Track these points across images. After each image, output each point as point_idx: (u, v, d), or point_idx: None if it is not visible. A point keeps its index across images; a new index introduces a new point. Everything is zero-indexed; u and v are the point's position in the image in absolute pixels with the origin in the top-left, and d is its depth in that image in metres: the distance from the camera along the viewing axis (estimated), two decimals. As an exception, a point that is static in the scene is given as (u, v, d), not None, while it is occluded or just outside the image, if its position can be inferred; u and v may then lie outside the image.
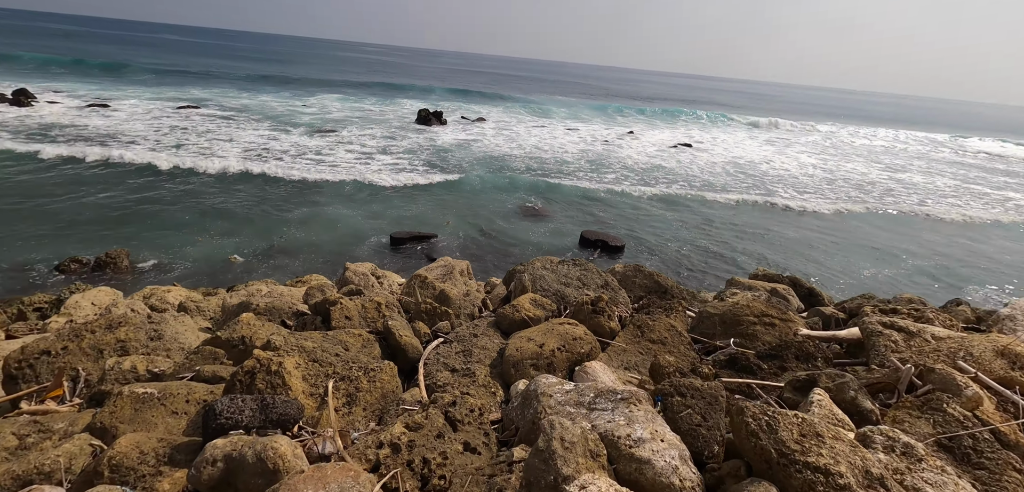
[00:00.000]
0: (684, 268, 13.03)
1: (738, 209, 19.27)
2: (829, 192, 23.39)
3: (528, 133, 33.17)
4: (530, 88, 76.55)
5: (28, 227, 11.66)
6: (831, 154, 36.39)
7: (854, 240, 16.76)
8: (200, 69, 53.47)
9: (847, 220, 19.28)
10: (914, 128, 65.34)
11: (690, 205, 19.06)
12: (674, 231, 15.89)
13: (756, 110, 73.16)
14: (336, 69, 76.91)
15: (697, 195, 20.68)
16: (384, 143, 25.23)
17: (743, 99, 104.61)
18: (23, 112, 24.58)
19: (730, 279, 7.64)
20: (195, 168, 17.31)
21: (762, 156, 32.23)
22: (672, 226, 16.38)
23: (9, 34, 79.54)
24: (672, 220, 17.03)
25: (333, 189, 16.77)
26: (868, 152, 39.56)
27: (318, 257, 11.69)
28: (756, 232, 16.60)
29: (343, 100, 40.33)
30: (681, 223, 16.79)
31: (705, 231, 16.18)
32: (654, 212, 17.78)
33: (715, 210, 18.73)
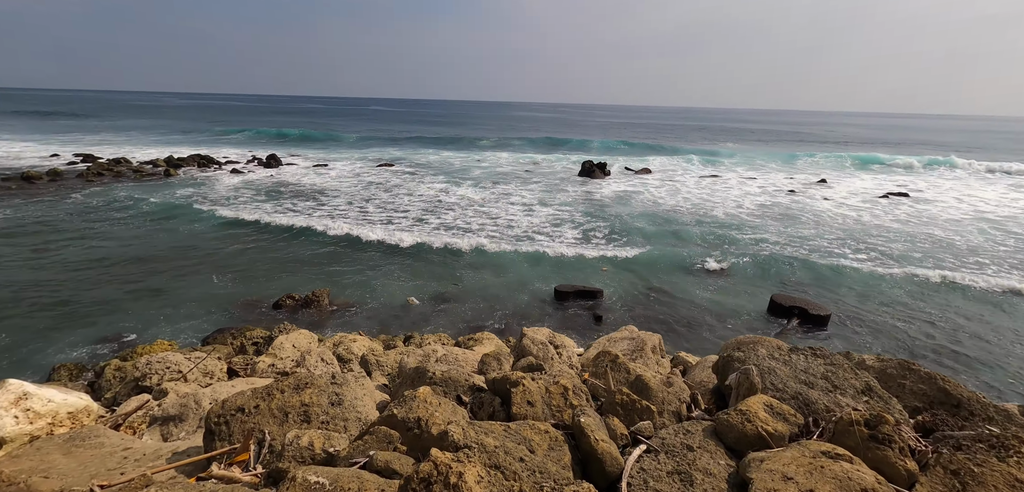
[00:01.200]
0: (940, 359, 10.04)
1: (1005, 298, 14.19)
2: None
3: (697, 184, 30.81)
4: (697, 137, 72.59)
5: (263, 266, 13.96)
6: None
7: None
8: (398, 133, 62.14)
9: None
10: None
11: (918, 273, 15.09)
12: (898, 306, 12.59)
13: (984, 151, 58.35)
14: (508, 128, 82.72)
15: (924, 259, 16.45)
16: (545, 195, 25.54)
17: (962, 137, 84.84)
18: (271, 171, 30.86)
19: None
20: (382, 217, 19.36)
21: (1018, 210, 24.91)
22: (894, 298, 13.04)
23: (273, 114, 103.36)
24: (893, 290, 13.61)
25: (496, 239, 17.16)
26: None
27: (485, 304, 11.74)
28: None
29: (512, 154, 42.65)
30: (907, 294, 13.31)
31: (946, 311, 12.50)
32: (863, 276, 14.47)
33: (956, 288, 14.47)
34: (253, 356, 6.25)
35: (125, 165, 30.15)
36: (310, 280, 12.91)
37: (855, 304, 12.53)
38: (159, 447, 3.22)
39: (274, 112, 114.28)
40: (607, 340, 5.05)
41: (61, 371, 7.42)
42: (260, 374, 4.94)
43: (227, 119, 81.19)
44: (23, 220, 17.48)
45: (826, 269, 15.14)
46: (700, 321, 11.29)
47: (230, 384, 4.13)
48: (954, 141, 75.40)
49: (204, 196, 22.58)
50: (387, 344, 6.74)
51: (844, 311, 12.11)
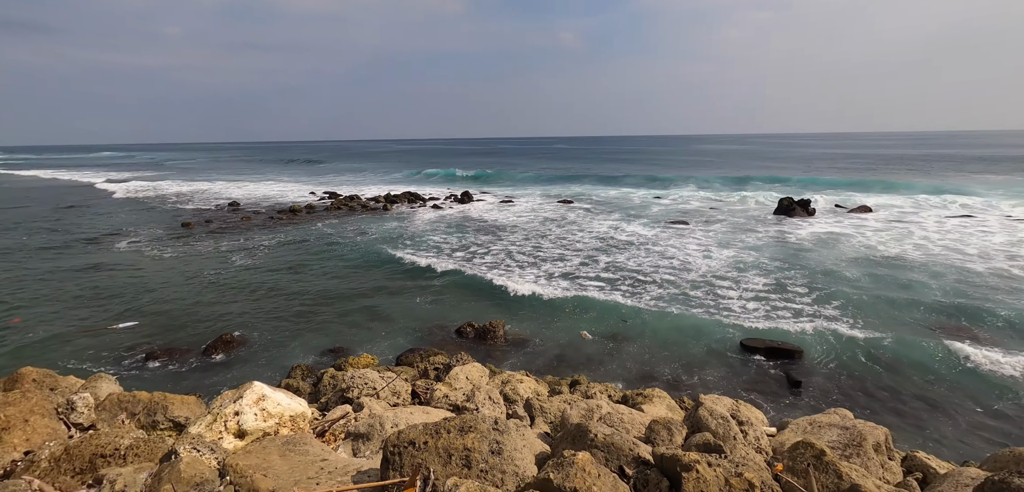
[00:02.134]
0: None
1: None
2: None
3: (937, 226, 24.61)
4: (937, 168, 58.56)
5: (449, 293, 15.44)
6: None
7: None
8: (578, 170, 64.00)
9: None
10: None
11: None
12: None
13: None
14: (691, 162, 78.60)
15: None
16: (730, 236, 23.14)
17: None
18: (464, 206, 34.42)
19: None
20: (553, 253, 19.77)
21: None
22: None
23: (475, 155, 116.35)
24: None
25: (669, 283, 16.03)
26: None
27: (658, 352, 10.97)
28: None
29: (698, 191, 40.16)
30: None
31: None
32: None
33: None
34: (433, 382, 6.79)
35: (356, 201, 36.77)
36: (487, 310, 13.76)
37: None
38: (348, 462, 3.62)
39: (476, 153, 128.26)
40: (809, 424, 4.14)
41: (296, 371, 9.12)
42: (436, 402, 5.31)
43: (437, 160, 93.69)
44: (286, 242, 22.49)
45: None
46: (946, 408, 8.76)
47: (409, 411, 4.52)
48: None
49: (409, 227, 26.13)
50: (553, 387, 6.70)
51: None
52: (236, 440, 4.19)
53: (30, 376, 5.07)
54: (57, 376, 5.32)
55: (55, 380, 5.20)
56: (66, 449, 3.74)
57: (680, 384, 9.70)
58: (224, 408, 4.33)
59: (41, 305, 14.36)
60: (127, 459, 3.75)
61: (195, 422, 4.36)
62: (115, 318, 13.41)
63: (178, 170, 79.19)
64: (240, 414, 4.33)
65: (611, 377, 10.02)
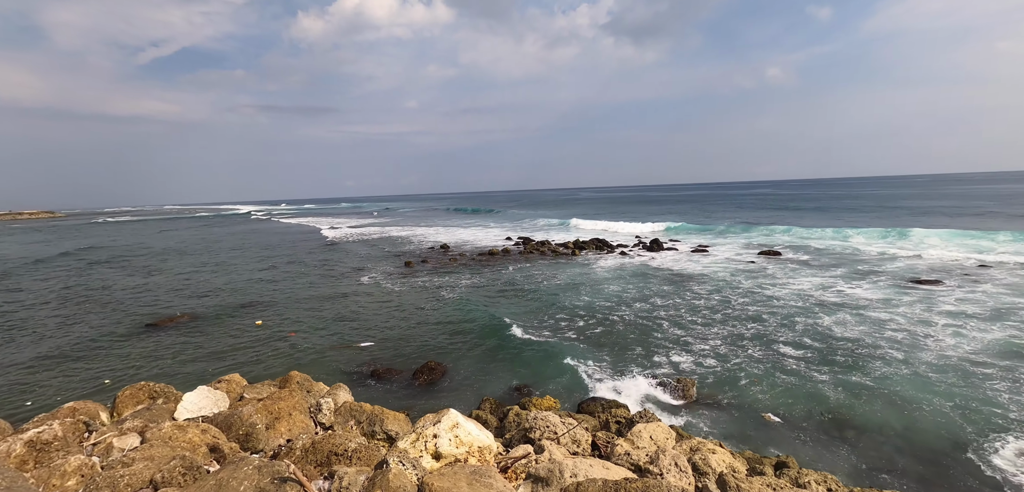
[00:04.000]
0: None
1: None
2: None
3: None
4: None
5: (631, 336, 14.88)
6: None
7: None
8: (789, 218, 56.69)
9: None
10: None
11: None
12: None
13: None
14: (941, 202, 62.90)
15: None
16: (1001, 303, 17.38)
17: None
18: (652, 254, 33.29)
19: None
20: (740, 312, 17.44)
21: None
22: None
23: (670, 202, 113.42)
24: None
25: (917, 358, 12.63)
26: None
27: (885, 447, 8.66)
28: None
29: (950, 238, 31.77)
30: None
31: None
32: None
33: None
34: (615, 436, 6.52)
35: (547, 246, 38.60)
36: (685, 362, 12.81)
37: None
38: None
39: (669, 199, 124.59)
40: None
41: (485, 404, 9.74)
42: (616, 458, 5.06)
43: (629, 208, 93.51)
44: (483, 283, 24.71)
45: None
46: None
47: (588, 463, 4.38)
48: None
49: (592, 274, 26.26)
50: (752, 466, 5.74)
51: None
52: (433, 461, 4.61)
53: (296, 378, 6.51)
54: (312, 381, 6.70)
55: (311, 384, 6.55)
56: (313, 443, 4.61)
57: (947, 486, 7.50)
58: (425, 430, 4.83)
59: (307, 322, 18.35)
60: (352, 460, 4.44)
61: (403, 438, 4.96)
62: (359, 337, 16.36)
63: (403, 217, 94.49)
64: (438, 437, 4.76)
65: (841, 465, 8.29)
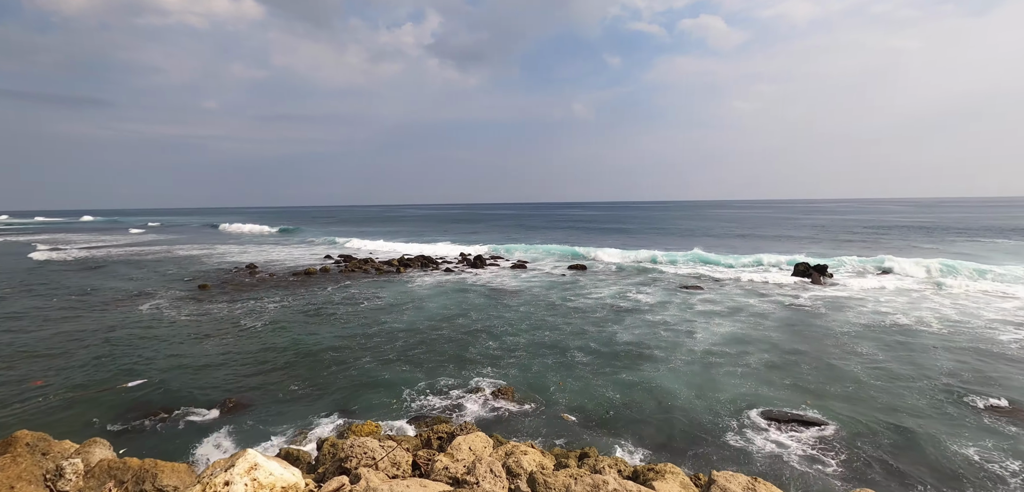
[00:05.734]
0: None
1: None
2: None
3: (983, 293, 23.83)
4: (978, 231, 57.59)
5: (453, 351, 15.15)
6: None
7: None
8: (595, 235, 63.83)
9: None
10: None
11: None
12: None
13: None
14: (705, 227, 78.56)
15: None
16: (747, 302, 22.65)
17: None
18: (477, 270, 34.40)
19: None
20: (557, 319, 19.42)
21: None
22: None
23: (495, 219, 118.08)
24: None
25: (685, 347, 15.58)
26: None
27: (675, 420, 10.46)
28: None
29: (708, 253, 39.85)
30: None
31: None
32: None
33: None
34: (436, 452, 6.53)
35: (370, 264, 37.11)
36: (501, 372, 13.44)
37: None
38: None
39: (494, 217, 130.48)
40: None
41: (298, 438, 8.88)
42: (435, 475, 5.07)
43: (456, 225, 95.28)
44: (296, 305, 22.60)
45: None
46: (985, 484, 8.12)
47: (406, 484, 4.29)
48: None
49: (417, 291, 26.17)
50: (560, 460, 6.35)
51: None
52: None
53: (24, 440, 4.99)
54: (51, 440, 5.22)
55: (49, 444, 5.10)
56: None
57: (696, 457, 9.20)
58: (214, 478, 4.18)
59: (61, 365, 14.42)
60: (109, 531, 3.58)
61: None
62: (129, 376, 13.39)
63: (194, 233, 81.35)
64: (230, 484, 4.17)
65: (626, 448, 9.58)
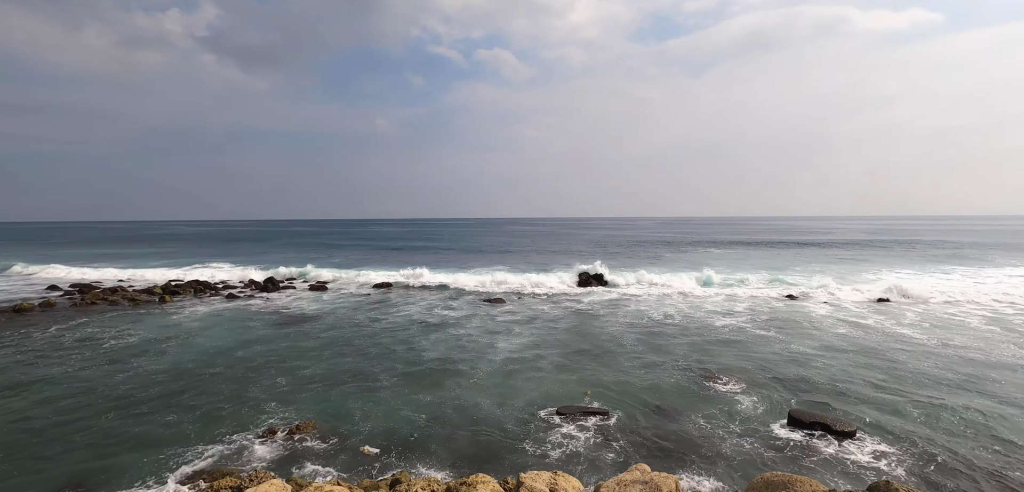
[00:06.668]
0: (975, 476, 9.05)
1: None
2: None
3: (694, 293, 30.54)
4: (690, 245, 73.79)
5: (245, 392, 13.11)
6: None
7: None
8: (397, 253, 62.75)
9: None
10: None
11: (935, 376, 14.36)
12: (933, 409, 11.74)
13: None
14: (505, 242, 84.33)
15: (939, 365, 15.73)
16: (541, 309, 25.10)
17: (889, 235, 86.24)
18: (267, 295, 30.47)
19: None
20: (361, 343, 18.69)
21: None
22: (928, 402, 12.21)
23: (289, 236, 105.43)
24: (929, 396, 12.80)
25: (489, 356, 16.47)
26: None
27: (483, 429, 10.82)
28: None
29: (504, 270, 42.84)
30: (945, 402, 12.49)
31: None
32: (881, 381, 13.68)
33: (984, 384, 13.75)
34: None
35: (122, 293, 29.86)
36: (299, 407, 12.07)
37: (878, 414, 11.66)
38: None
39: (292, 235, 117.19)
40: (617, 484, 4.40)
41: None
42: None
43: (243, 246, 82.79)
44: (2, 358, 16.81)
45: (842, 375, 14.39)
46: (718, 445, 10.37)
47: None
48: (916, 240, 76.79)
49: (187, 323, 22.08)
50: (368, 490, 5.94)
51: (870, 420, 11.26)
52: None
53: None
54: None
55: None
56: None
57: (504, 463, 9.65)
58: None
59: None
60: None
61: None
62: None
63: None
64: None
65: (438, 466, 9.51)
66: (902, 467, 9.38)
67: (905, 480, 8.92)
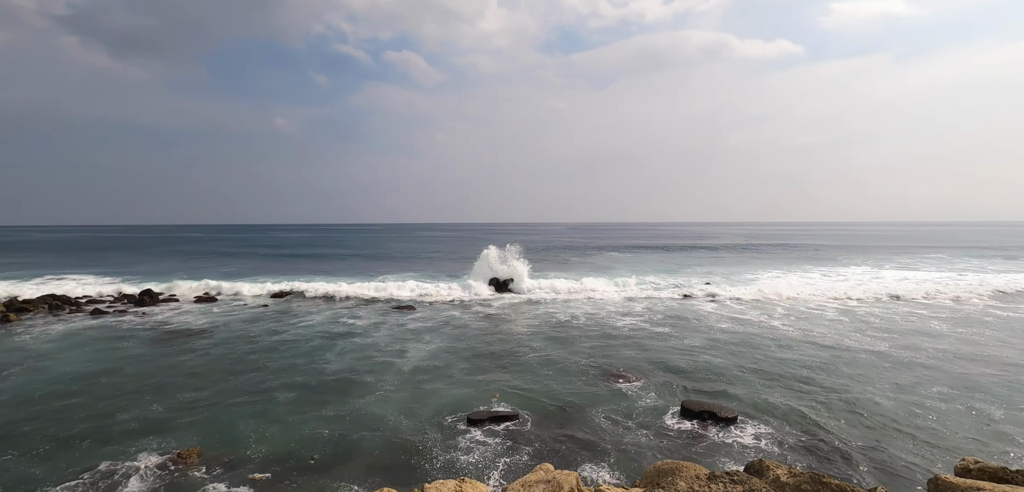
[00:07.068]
0: (833, 451, 10.42)
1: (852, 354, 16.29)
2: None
3: (602, 294, 32.12)
4: (594, 249, 77.50)
5: (117, 420, 11.53)
6: (951, 291, 31.96)
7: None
8: (297, 261, 58.99)
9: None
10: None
11: (827, 369, 16.42)
12: (799, 393, 13.35)
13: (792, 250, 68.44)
14: (414, 249, 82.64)
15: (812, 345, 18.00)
16: (448, 315, 24.99)
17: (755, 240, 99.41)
18: (143, 310, 27.09)
19: (935, 482, 5.52)
20: (254, 358, 17.44)
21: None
22: (795, 387, 13.86)
23: (172, 243, 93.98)
24: (796, 382, 14.50)
25: (396, 366, 16.08)
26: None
27: (388, 439, 10.47)
28: (900, 393, 13.64)
29: (411, 276, 42.03)
30: (807, 386, 14.22)
31: (843, 391, 13.47)
32: (760, 369, 15.36)
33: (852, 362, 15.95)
34: None
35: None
36: (181, 434, 10.84)
37: (756, 399, 13.02)
38: None
39: (176, 241, 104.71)
40: (521, 486, 4.47)
41: None
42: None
43: (113, 256, 72.72)
44: None
45: (727, 365, 15.88)
46: (619, 438, 10.95)
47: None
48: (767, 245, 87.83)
49: (31, 348, 19.06)
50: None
51: (751, 405, 12.53)
52: None
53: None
54: None
55: None
56: None
57: (410, 475, 9.42)
58: None
59: None
60: None
61: None
62: None
63: None
64: None
65: (341, 486, 9.03)
66: (777, 445, 10.56)
67: (779, 456, 10.05)
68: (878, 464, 9.76)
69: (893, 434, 11.07)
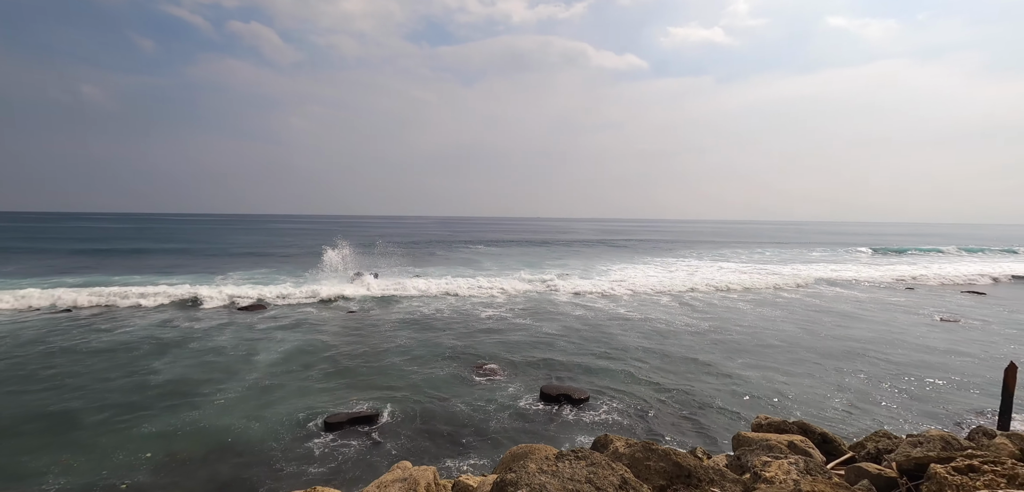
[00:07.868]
0: (666, 419, 11.91)
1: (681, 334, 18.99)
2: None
3: (467, 287, 32.56)
4: (460, 243, 78.31)
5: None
6: (754, 279, 38.55)
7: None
8: (110, 256, 49.78)
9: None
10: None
11: (650, 348, 18.54)
12: (639, 371, 15.02)
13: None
14: (263, 242, 75.01)
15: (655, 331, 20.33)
16: (303, 318, 23.36)
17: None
18: None
19: (737, 437, 6.64)
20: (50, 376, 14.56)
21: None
22: (636, 367, 15.55)
23: None
24: (637, 362, 16.25)
25: (232, 377, 14.59)
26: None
27: (235, 453, 9.40)
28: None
29: (259, 272, 38.31)
30: (646, 365, 16.03)
31: (666, 368, 15.45)
32: (609, 353, 17.00)
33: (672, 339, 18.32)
34: None
35: None
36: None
37: (605, 380, 14.36)
38: None
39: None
40: (377, 487, 4.34)
41: None
42: None
43: None
44: None
45: (580, 350, 17.24)
46: (481, 427, 11.24)
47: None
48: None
49: None
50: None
51: (601, 385, 13.77)
52: None
53: None
54: None
55: None
56: None
57: (254, 490, 8.60)
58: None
59: None
60: None
61: None
62: None
63: None
64: None
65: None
66: (625, 418, 11.76)
67: (623, 428, 11.21)
68: (700, 428, 11.45)
69: (711, 399, 13.08)
